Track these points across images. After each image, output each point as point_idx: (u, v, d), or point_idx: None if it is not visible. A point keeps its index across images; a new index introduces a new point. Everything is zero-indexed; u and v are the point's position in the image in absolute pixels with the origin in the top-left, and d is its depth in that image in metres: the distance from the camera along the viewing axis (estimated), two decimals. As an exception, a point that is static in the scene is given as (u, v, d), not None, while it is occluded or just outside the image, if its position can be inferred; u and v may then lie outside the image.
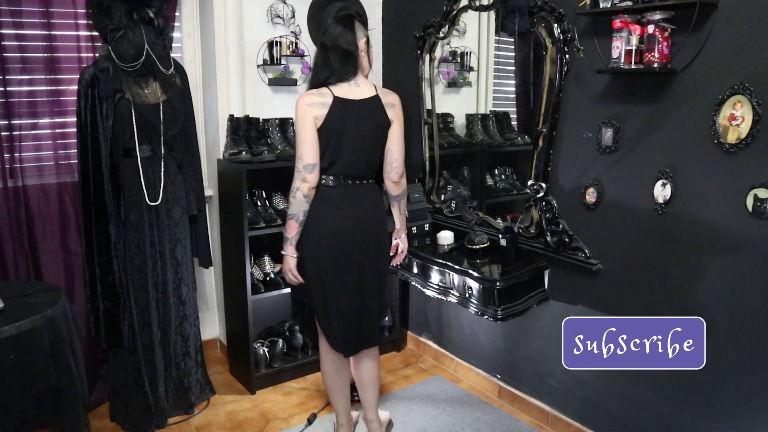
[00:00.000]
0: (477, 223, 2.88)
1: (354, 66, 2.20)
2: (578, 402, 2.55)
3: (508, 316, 2.42)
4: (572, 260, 2.42)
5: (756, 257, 1.87)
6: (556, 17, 2.31)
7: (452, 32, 2.97)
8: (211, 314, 3.41)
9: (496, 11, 2.66)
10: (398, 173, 2.29)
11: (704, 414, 2.08)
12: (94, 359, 2.78)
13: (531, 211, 2.58)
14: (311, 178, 2.17)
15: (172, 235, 2.61)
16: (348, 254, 2.24)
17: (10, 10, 2.53)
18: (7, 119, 2.58)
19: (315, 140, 2.16)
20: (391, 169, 2.28)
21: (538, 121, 2.48)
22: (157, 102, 2.49)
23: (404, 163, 2.31)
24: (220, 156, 3.02)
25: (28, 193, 2.65)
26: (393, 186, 2.32)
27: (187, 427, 2.70)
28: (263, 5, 3.06)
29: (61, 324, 2.12)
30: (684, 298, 2.09)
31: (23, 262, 2.66)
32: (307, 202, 2.19)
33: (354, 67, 2.20)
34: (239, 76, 3.04)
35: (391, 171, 2.28)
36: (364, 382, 2.47)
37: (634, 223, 2.22)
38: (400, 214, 2.42)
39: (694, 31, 1.93)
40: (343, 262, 2.25)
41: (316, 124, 2.15)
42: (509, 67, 2.95)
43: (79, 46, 2.69)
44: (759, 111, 1.80)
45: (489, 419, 2.77)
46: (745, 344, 1.94)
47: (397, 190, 2.33)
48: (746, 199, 1.87)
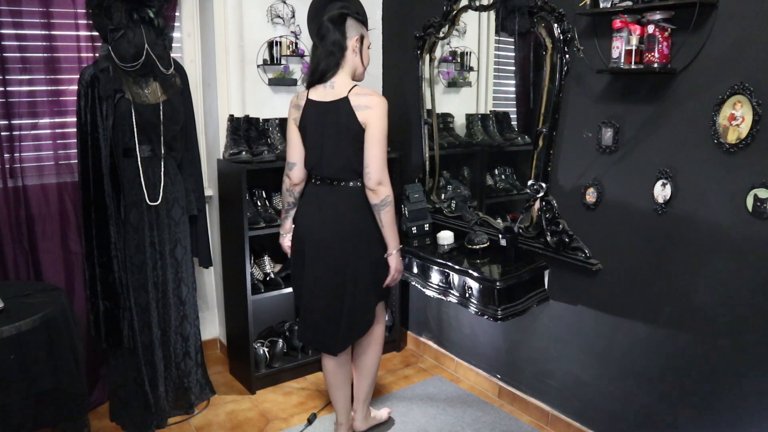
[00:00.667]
0: (477, 223, 2.88)
1: (335, 66, 2.19)
2: (578, 402, 2.55)
3: (508, 316, 2.42)
4: (572, 260, 2.42)
5: (756, 257, 1.87)
6: (556, 17, 2.31)
7: (452, 32, 2.97)
8: (211, 314, 3.41)
9: (496, 11, 2.66)
10: (372, 179, 2.15)
11: (704, 414, 2.08)
12: (94, 359, 2.78)
13: (531, 211, 2.58)
14: (292, 175, 2.36)
15: (172, 235, 2.61)
16: (321, 255, 2.25)
17: (10, 10, 2.53)
18: (7, 119, 2.58)
19: (295, 140, 2.32)
20: (365, 174, 2.17)
21: (538, 121, 2.48)
22: (157, 102, 2.49)
23: (384, 169, 2.16)
24: (220, 156, 3.02)
25: (28, 193, 2.65)
26: (370, 193, 2.18)
27: (187, 427, 2.70)
28: (263, 5, 3.06)
29: (61, 324, 2.12)
30: (684, 298, 2.09)
31: (23, 262, 2.66)
32: (290, 195, 2.40)
33: (335, 66, 2.19)
34: (239, 76, 3.04)
35: (365, 176, 2.17)
36: (356, 372, 2.53)
37: (634, 223, 2.22)
38: (383, 227, 2.23)
39: (694, 31, 1.93)
40: (316, 262, 2.27)
41: (296, 125, 2.30)
42: (509, 67, 2.95)
43: (79, 46, 2.69)
44: (759, 111, 1.80)
45: (489, 419, 2.77)
46: (745, 344, 1.94)
47: (375, 198, 2.18)
48: (746, 199, 1.87)
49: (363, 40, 2.25)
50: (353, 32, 2.20)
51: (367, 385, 2.54)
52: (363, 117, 2.14)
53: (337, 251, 2.23)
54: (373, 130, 2.14)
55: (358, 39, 2.22)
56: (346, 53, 2.20)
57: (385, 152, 2.17)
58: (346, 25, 2.19)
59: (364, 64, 2.28)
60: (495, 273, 2.47)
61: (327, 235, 2.24)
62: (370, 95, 2.16)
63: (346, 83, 2.20)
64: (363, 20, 2.27)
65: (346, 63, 2.21)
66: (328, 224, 2.24)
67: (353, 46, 2.21)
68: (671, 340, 2.15)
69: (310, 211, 2.30)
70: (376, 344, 2.50)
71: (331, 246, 2.24)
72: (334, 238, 2.23)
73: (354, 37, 2.20)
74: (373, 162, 2.15)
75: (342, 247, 2.23)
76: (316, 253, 2.26)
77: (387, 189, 2.19)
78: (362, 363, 2.50)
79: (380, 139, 2.14)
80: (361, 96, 2.15)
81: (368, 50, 2.30)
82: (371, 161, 2.15)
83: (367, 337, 2.45)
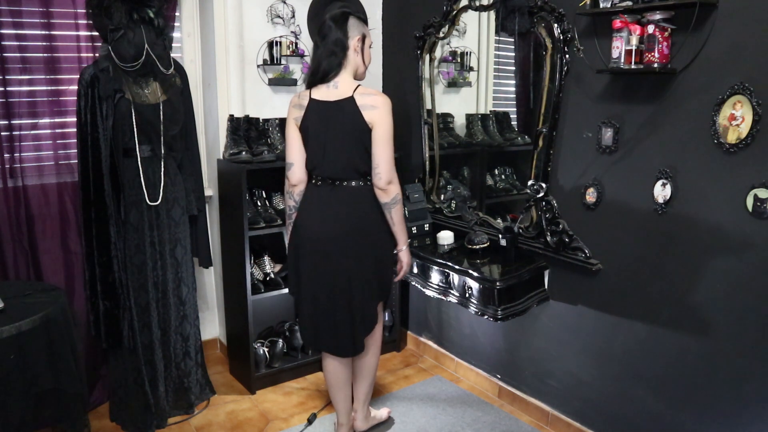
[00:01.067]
0: (477, 223, 2.88)
1: (338, 65, 2.19)
2: (578, 402, 2.55)
3: (508, 316, 2.42)
4: (572, 260, 2.42)
5: (756, 257, 1.87)
6: (556, 17, 2.31)
7: (452, 32, 2.97)
8: (211, 314, 3.41)
9: (496, 11, 2.66)
10: (382, 179, 2.18)
11: (704, 414, 2.08)
12: (94, 359, 2.78)
13: (531, 211, 2.58)
14: (291, 176, 2.34)
15: (172, 235, 2.61)
16: (324, 253, 2.25)
17: (10, 10, 2.53)
18: (7, 119, 2.58)
19: (294, 140, 2.30)
20: (375, 174, 2.19)
21: (538, 121, 2.48)
22: (157, 102, 2.49)
23: (393, 168, 2.20)
24: (220, 156, 3.02)
25: (28, 193, 2.65)
26: (380, 192, 2.21)
27: (187, 427, 2.70)
28: (263, 5, 3.06)
29: (61, 324, 2.12)
30: (684, 298, 2.09)
31: (23, 262, 2.66)
32: (290, 198, 2.36)
33: (338, 66, 2.19)
34: (239, 76, 3.04)
35: (375, 176, 2.19)
36: (356, 372, 2.52)
37: (634, 223, 2.22)
38: (394, 225, 2.28)
39: (694, 31, 1.93)
40: (318, 260, 2.26)
41: (297, 125, 2.27)
42: (509, 67, 2.95)
43: (79, 46, 2.69)
44: (759, 111, 1.80)
45: (489, 419, 2.77)
46: (745, 344, 1.94)
47: (385, 197, 2.22)
48: (746, 199, 1.87)
49: (365, 39, 2.25)
50: (355, 31, 2.20)
51: (367, 385, 2.54)
52: (369, 117, 2.15)
53: (339, 250, 2.23)
54: (380, 130, 2.16)
55: (359, 38, 2.21)
56: (348, 53, 2.20)
57: (393, 151, 2.20)
58: (348, 25, 2.19)
59: (366, 63, 2.28)
60: (495, 273, 2.47)
61: (329, 235, 2.23)
62: (375, 95, 2.17)
63: (349, 83, 2.20)
64: (364, 19, 2.27)
65: (348, 62, 2.21)
66: (329, 224, 2.23)
67: (355, 46, 2.21)
68: (671, 340, 2.15)
69: (311, 211, 2.28)
70: (375, 344, 2.50)
71: (333, 245, 2.23)
72: (337, 238, 2.23)
73: (356, 37, 2.20)
74: (382, 162, 2.17)
75: (345, 246, 2.23)
76: (318, 253, 2.26)
77: (396, 187, 2.23)
78: (362, 363, 2.50)
79: (387, 139, 2.17)
80: (366, 96, 2.16)
81: (370, 49, 2.30)
82: (381, 161, 2.17)
83: (368, 338, 2.45)
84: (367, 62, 2.29)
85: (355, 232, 2.24)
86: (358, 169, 2.22)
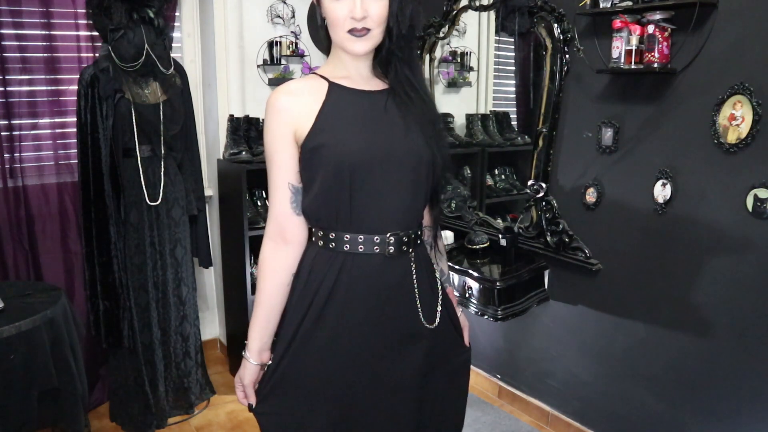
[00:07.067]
0: (477, 223, 2.88)
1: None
2: (578, 402, 2.55)
3: (508, 316, 2.42)
4: (572, 260, 2.42)
5: (756, 257, 1.87)
6: (556, 17, 2.31)
7: (452, 32, 2.97)
8: (211, 314, 3.41)
9: (496, 11, 2.66)
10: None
11: (704, 414, 2.08)
12: (94, 359, 2.78)
13: (531, 211, 2.58)
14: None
15: (172, 235, 2.61)
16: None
17: (10, 10, 2.53)
18: (7, 119, 2.58)
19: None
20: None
21: (538, 121, 2.48)
22: (157, 102, 2.49)
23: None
24: (220, 156, 3.02)
25: (28, 193, 2.65)
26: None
27: (187, 427, 2.70)
28: (263, 5, 3.06)
29: (61, 324, 2.11)
30: (684, 298, 2.09)
31: (23, 262, 2.66)
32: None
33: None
34: (239, 76, 3.04)
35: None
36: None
37: (634, 223, 2.21)
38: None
39: (694, 31, 1.93)
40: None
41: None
42: (509, 67, 2.95)
43: (79, 46, 2.69)
44: (759, 111, 1.80)
45: (489, 419, 2.77)
46: (745, 344, 1.94)
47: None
48: (746, 199, 1.87)
49: None
50: None
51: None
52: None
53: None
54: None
55: None
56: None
57: None
58: None
59: None
60: (495, 273, 2.47)
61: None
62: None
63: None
64: None
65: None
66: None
67: None
68: (671, 340, 2.15)
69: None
70: None
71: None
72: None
73: None
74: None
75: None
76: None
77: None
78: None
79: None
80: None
81: None
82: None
83: None
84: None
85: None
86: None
